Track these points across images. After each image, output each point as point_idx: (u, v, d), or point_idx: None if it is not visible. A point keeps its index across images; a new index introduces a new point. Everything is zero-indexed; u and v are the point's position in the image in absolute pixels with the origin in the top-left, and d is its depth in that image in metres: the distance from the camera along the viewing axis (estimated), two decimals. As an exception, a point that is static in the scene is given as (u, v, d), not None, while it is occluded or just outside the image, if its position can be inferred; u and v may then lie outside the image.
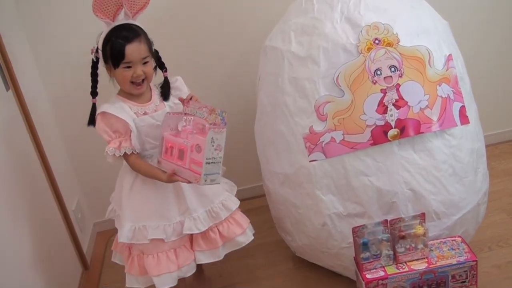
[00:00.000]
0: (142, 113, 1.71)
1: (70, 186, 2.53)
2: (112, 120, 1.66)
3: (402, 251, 1.66)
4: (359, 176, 1.75)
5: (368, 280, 1.63)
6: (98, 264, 2.51)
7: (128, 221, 1.75)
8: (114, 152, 1.66)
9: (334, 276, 2.06)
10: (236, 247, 1.89)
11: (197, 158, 1.53)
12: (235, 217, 1.87)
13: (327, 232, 1.84)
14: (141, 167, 1.71)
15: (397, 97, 1.72)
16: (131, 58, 1.62)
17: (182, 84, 1.83)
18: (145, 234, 1.73)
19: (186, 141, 1.58)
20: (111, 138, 1.67)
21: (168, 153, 1.65)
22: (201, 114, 1.60)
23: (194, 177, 1.55)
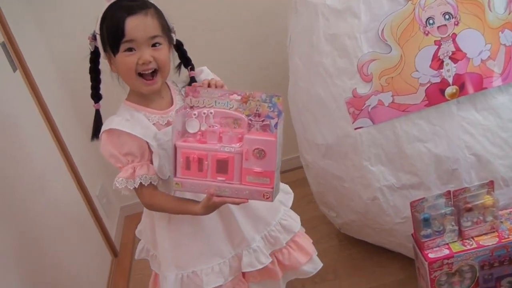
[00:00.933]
0: (164, 124, 1.26)
1: (93, 170, 2.37)
2: (123, 139, 1.21)
3: (469, 225, 1.45)
4: (413, 143, 1.53)
5: (432, 260, 1.43)
6: (127, 250, 2.37)
7: (170, 268, 1.33)
8: (126, 184, 1.21)
9: (384, 253, 1.88)
10: (301, 277, 1.50)
11: (257, 167, 1.11)
12: (297, 240, 1.44)
13: (378, 207, 1.64)
14: (162, 202, 1.25)
15: (454, 49, 1.48)
16: (134, 35, 1.16)
17: (209, 75, 1.35)
18: (198, 282, 1.33)
19: (227, 147, 1.13)
20: (123, 164, 1.22)
21: (194, 168, 1.16)
22: (225, 103, 1.15)
23: (261, 193, 1.12)
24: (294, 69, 1.77)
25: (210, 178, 1.15)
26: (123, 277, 2.20)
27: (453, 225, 1.45)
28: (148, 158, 1.24)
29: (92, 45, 1.26)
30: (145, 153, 1.23)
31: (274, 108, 1.11)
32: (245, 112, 1.14)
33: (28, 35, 2.07)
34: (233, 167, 1.13)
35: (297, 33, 1.74)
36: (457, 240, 1.47)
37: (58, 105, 2.13)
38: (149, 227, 1.40)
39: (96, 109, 1.30)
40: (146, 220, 1.41)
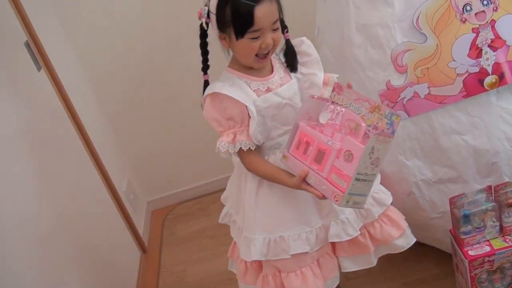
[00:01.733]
0: (264, 90, 1.29)
1: (119, 166, 2.36)
2: (225, 104, 1.25)
3: (510, 221, 1.40)
4: (450, 135, 1.47)
5: (472, 258, 1.38)
6: (156, 246, 2.37)
7: (259, 232, 1.36)
8: (228, 148, 1.27)
9: (419, 247, 1.81)
10: (393, 251, 1.47)
11: (342, 168, 1.13)
12: (389, 214, 1.42)
13: (414, 202, 1.59)
14: (260, 168, 1.31)
15: (493, 36, 1.41)
16: (262, 24, 1.18)
17: (310, 46, 1.37)
18: (284, 247, 1.34)
19: (331, 141, 1.17)
20: (224, 129, 1.28)
21: (301, 149, 1.23)
22: (357, 108, 1.18)
23: (333, 193, 1.14)
24: (324, 61, 1.66)
25: (308, 163, 1.21)
26: (153, 272, 2.20)
27: (494, 221, 1.40)
28: (248, 123, 1.27)
29: (204, 21, 1.25)
30: (245, 119, 1.27)
31: (390, 126, 1.13)
32: (368, 121, 1.16)
33: (52, 33, 2.06)
34: (327, 160, 1.17)
35: (326, 24, 1.69)
36: (498, 236, 1.42)
37: (83, 102, 2.11)
38: (235, 192, 1.44)
39: (205, 80, 1.32)
40: (233, 185, 1.46)
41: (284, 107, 1.31)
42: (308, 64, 1.36)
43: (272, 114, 1.30)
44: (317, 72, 1.35)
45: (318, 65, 1.36)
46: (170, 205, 2.62)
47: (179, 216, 2.53)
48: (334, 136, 1.18)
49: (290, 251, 1.34)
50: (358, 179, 1.11)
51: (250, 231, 1.37)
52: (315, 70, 1.35)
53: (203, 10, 1.24)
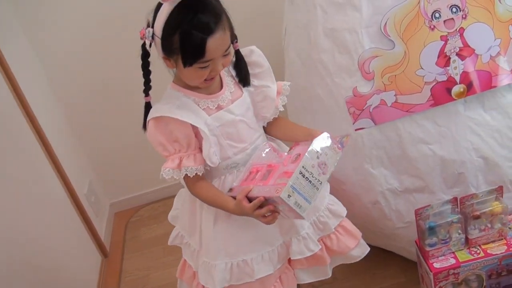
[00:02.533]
0: (214, 108, 1.22)
1: (80, 167, 2.28)
2: (171, 127, 1.17)
3: (476, 233, 1.38)
4: (417, 145, 1.44)
5: (437, 270, 1.36)
6: (118, 250, 2.29)
7: (220, 256, 1.29)
8: (173, 174, 1.19)
9: (385, 254, 1.80)
10: (348, 261, 1.46)
11: (288, 169, 1.10)
12: (344, 224, 1.40)
13: (379, 211, 1.55)
14: (204, 193, 1.24)
15: (462, 45, 1.38)
16: (214, 55, 1.11)
17: (261, 56, 1.28)
18: (248, 271, 1.29)
19: (280, 161, 1.16)
20: (169, 153, 1.20)
21: (250, 178, 1.20)
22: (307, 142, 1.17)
23: (275, 189, 1.08)
24: (291, 65, 1.66)
25: (254, 184, 1.16)
26: (114, 278, 2.13)
27: (459, 233, 1.37)
28: (195, 147, 1.21)
29: (148, 42, 1.14)
30: (191, 142, 1.20)
31: (341, 144, 1.14)
32: None
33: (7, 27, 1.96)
34: (273, 175, 1.13)
35: (294, 26, 1.63)
36: (464, 249, 1.40)
37: (40, 98, 2.02)
38: (187, 213, 1.36)
39: (147, 102, 1.22)
40: (185, 206, 1.37)
41: (238, 124, 1.24)
42: (260, 75, 1.28)
43: (226, 133, 1.23)
44: (270, 84, 1.28)
45: (270, 76, 1.29)
46: (134, 207, 2.54)
47: (143, 219, 2.46)
48: (286, 161, 1.15)
49: (255, 276, 1.29)
50: (303, 174, 1.07)
51: (210, 256, 1.31)
52: (267, 82, 1.28)
53: (146, 31, 1.14)
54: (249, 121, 1.27)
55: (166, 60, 1.17)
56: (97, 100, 2.27)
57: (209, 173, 1.27)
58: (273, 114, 1.32)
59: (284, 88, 1.33)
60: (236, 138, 1.25)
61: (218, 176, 1.28)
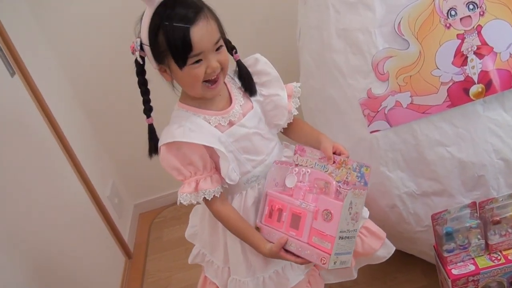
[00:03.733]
0: (226, 124, 1.18)
1: (102, 170, 2.31)
2: (184, 150, 1.13)
3: (497, 238, 1.33)
4: (434, 147, 1.40)
5: (456, 277, 1.32)
6: (142, 251, 2.32)
7: (250, 272, 1.26)
8: (190, 199, 1.15)
9: (406, 258, 1.76)
10: (374, 262, 1.44)
11: (323, 229, 1.08)
12: (368, 225, 1.37)
13: (397, 215, 1.52)
14: (230, 223, 1.20)
15: (479, 43, 1.33)
16: (202, 46, 1.06)
17: (266, 64, 1.25)
18: (282, 281, 1.27)
19: (304, 203, 1.13)
20: (185, 177, 1.16)
21: (274, 217, 1.18)
22: (322, 166, 1.17)
23: (319, 256, 1.08)
24: (305, 66, 1.64)
25: (284, 230, 1.16)
26: (137, 279, 2.15)
27: (479, 239, 1.33)
28: (211, 168, 1.17)
29: (138, 56, 1.11)
30: (207, 163, 1.16)
31: (361, 178, 1.12)
32: (337, 178, 1.15)
33: (28, 36, 2.00)
34: (304, 223, 1.12)
35: (307, 27, 1.61)
36: (484, 254, 1.35)
37: (61, 105, 2.06)
38: (208, 230, 1.33)
39: (149, 124, 1.17)
40: (205, 224, 1.33)
41: (252, 137, 1.21)
42: (268, 84, 1.25)
43: (241, 147, 1.20)
44: (280, 92, 1.24)
45: (279, 84, 1.25)
46: (158, 208, 2.56)
47: (166, 220, 2.48)
48: (306, 197, 1.14)
49: (289, 284, 1.27)
50: (342, 237, 1.07)
51: (239, 273, 1.27)
52: (276, 90, 1.24)
53: (135, 43, 1.11)
54: (263, 132, 1.24)
55: (162, 72, 1.14)
56: (119, 101, 2.29)
57: (229, 189, 1.24)
58: (286, 120, 1.29)
59: (295, 90, 1.29)
60: (253, 151, 1.22)
61: (239, 191, 1.25)
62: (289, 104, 1.26)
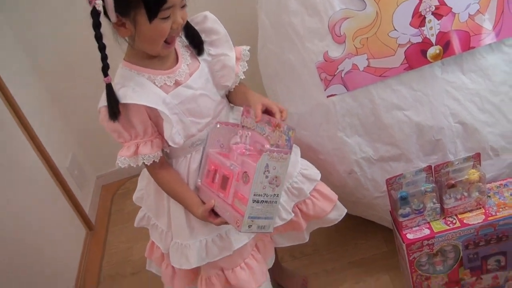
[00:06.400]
0: (172, 84, 1.14)
1: (61, 141, 2.24)
2: (126, 112, 1.09)
3: (452, 202, 1.31)
4: (392, 111, 1.37)
5: (410, 242, 1.30)
6: (103, 223, 2.28)
7: (193, 235, 1.24)
8: (129, 163, 1.13)
9: (368, 224, 1.75)
10: (325, 225, 1.44)
11: (242, 191, 1.06)
12: (319, 188, 1.36)
13: (355, 181, 1.50)
14: (169, 186, 1.20)
15: (438, 3, 1.29)
16: (174, 0, 1.03)
17: (216, 22, 1.20)
18: (225, 245, 1.25)
19: (233, 165, 1.11)
20: (125, 140, 1.13)
21: (210, 177, 1.17)
22: (261, 129, 1.14)
23: (235, 219, 1.07)
24: (263, 29, 1.58)
25: (216, 191, 1.15)
26: (98, 250, 2.12)
27: (434, 203, 1.31)
28: (152, 132, 1.14)
29: (99, 6, 1.02)
30: (148, 128, 1.13)
31: (288, 141, 1.08)
32: (271, 141, 1.12)
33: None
34: (230, 185, 1.10)
35: (264, -13, 1.55)
36: (439, 218, 1.34)
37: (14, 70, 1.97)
38: (153, 194, 1.31)
39: (107, 84, 1.08)
40: (150, 187, 1.31)
41: (198, 98, 1.17)
42: (216, 43, 1.20)
43: (187, 109, 1.16)
44: (228, 52, 1.20)
45: (228, 44, 1.21)
46: (121, 179, 2.51)
47: (129, 191, 2.42)
48: (238, 160, 1.12)
49: (233, 248, 1.25)
50: (257, 201, 1.04)
51: (182, 237, 1.26)
52: (225, 49, 1.20)
53: None
54: (210, 93, 1.21)
55: (118, 26, 1.07)
56: (79, 69, 2.18)
57: (174, 152, 1.21)
58: (234, 82, 1.25)
59: (244, 53, 1.26)
60: (199, 113, 1.19)
61: (183, 155, 1.22)
62: (236, 67, 1.22)
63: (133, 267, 1.81)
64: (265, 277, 1.36)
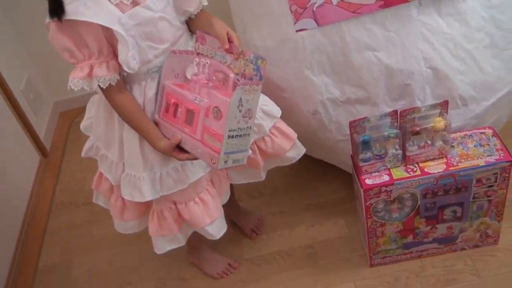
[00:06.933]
0: (129, 3, 1.05)
1: (14, 61, 2.10)
2: (79, 29, 1.01)
3: (415, 149, 1.28)
4: (362, 51, 1.30)
5: (368, 187, 1.27)
6: (59, 151, 2.19)
7: (147, 167, 1.19)
8: (83, 85, 1.05)
9: (329, 168, 1.71)
10: (283, 164, 1.41)
11: (214, 127, 1.03)
12: (279, 126, 1.34)
13: (319, 122, 1.44)
14: (126, 113, 1.12)
15: None
16: None
17: None
18: (180, 177, 1.21)
19: (198, 98, 1.06)
20: (77, 60, 1.05)
21: (171, 112, 1.12)
22: (222, 57, 1.08)
23: (209, 156, 1.04)
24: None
25: (180, 126, 1.10)
26: (52, 178, 2.04)
27: (396, 149, 1.27)
28: (108, 53, 1.06)
29: None
30: (103, 47, 1.05)
31: (257, 71, 1.03)
32: (235, 70, 1.07)
33: None
34: (197, 120, 1.06)
35: None
36: (400, 165, 1.30)
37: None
38: (103, 123, 1.23)
39: None
40: (101, 115, 1.23)
41: (157, 22, 1.09)
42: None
43: (144, 33, 1.07)
44: None
45: None
46: (80, 107, 2.39)
47: (88, 120, 2.34)
48: (201, 92, 1.08)
49: (188, 181, 1.22)
50: (232, 136, 1.02)
51: (136, 169, 1.20)
52: None
53: None
54: (169, 18, 1.12)
55: None
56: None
57: (128, 78, 1.13)
58: (196, 8, 1.16)
59: None
60: (157, 38, 1.10)
61: (138, 81, 1.14)
62: None
63: (86, 197, 1.75)
64: (218, 213, 1.33)
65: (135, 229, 1.37)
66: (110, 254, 1.72)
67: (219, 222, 1.34)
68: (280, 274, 1.53)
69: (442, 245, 1.45)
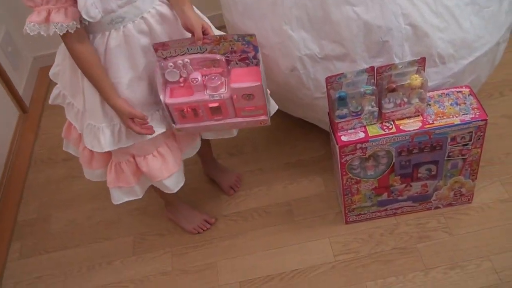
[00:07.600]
0: None
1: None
2: None
3: (391, 107, 1.27)
4: (341, 6, 1.28)
5: (344, 144, 1.27)
6: (38, 106, 2.16)
7: (106, 119, 1.19)
8: (39, 30, 1.02)
9: (309, 127, 1.71)
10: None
11: (250, 105, 1.19)
12: None
13: (297, 79, 1.43)
14: (84, 64, 1.10)
15: None
16: None
17: None
18: None
19: (216, 95, 1.17)
20: (35, 4, 1.01)
21: (190, 116, 1.21)
22: (198, 48, 1.14)
23: (256, 122, 1.24)
24: None
25: (207, 120, 1.22)
26: (30, 134, 2.02)
27: (373, 106, 1.27)
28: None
29: None
30: None
31: (248, 45, 1.13)
32: (220, 51, 1.15)
33: None
34: (226, 108, 1.20)
35: None
36: (376, 123, 1.30)
37: None
38: (69, 71, 1.21)
39: None
40: (66, 63, 1.20)
41: None
42: None
43: None
44: None
45: None
46: (58, 50, 2.36)
47: (69, 76, 2.30)
48: (210, 89, 1.17)
49: (146, 136, 1.22)
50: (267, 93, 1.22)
51: (95, 119, 1.19)
52: None
53: None
54: None
55: None
56: None
57: (90, 27, 1.09)
58: None
59: None
60: None
61: (101, 31, 1.11)
62: None
63: (66, 153, 1.73)
64: (177, 167, 1.34)
65: (103, 177, 1.38)
66: (89, 209, 1.73)
67: (177, 176, 1.35)
68: (256, 230, 1.54)
69: (417, 203, 1.46)
